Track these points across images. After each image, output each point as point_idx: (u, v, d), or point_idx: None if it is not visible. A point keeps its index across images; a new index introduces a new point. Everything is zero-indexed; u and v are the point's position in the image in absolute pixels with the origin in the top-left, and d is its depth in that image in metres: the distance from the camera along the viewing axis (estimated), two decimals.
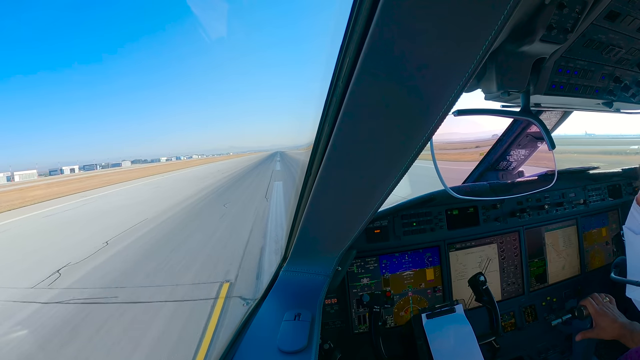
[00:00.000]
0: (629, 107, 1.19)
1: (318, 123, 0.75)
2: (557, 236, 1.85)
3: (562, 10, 0.69)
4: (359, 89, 0.56)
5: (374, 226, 1.53)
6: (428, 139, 0.61)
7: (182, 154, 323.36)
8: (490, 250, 1.71)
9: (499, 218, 1.71)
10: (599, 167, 2.04)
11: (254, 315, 1.07)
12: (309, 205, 0.93)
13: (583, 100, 1.07)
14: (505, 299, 1.71)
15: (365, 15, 0.48)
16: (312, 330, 0.95)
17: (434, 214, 1.61)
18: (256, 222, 9.77)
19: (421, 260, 1.60)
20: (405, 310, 1.58)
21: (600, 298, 1.39)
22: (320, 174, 0.80)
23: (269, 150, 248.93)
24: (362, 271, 1.52)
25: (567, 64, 0.92)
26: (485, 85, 0.84)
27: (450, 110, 0.56)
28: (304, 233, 1.09)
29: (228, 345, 0.99)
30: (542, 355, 1.61)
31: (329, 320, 1.48)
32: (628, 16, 0.83)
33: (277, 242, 7.49)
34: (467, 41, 0.45)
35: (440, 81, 0.52)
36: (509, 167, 1.98)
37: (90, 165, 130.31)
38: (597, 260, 1.96)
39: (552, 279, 1.82)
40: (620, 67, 1.00)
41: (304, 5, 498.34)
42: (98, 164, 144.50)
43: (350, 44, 0.54)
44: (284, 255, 1.31)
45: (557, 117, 1.75)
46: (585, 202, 1.90)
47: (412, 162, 0.68)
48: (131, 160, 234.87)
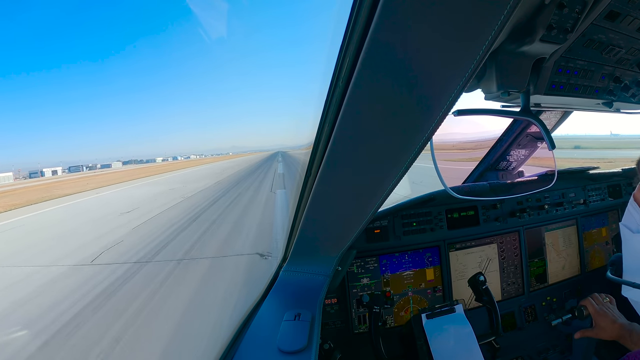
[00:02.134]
0: (629, 107, 1.19)
1: (318, 123, 0.75)
2: (557, 236, 1.85)
3: (562, 10, 0.69)
4: (359, 89, 0.56)
5: (374, 226, 1.53)
6: (428, 139, 0.61)
7: (180, 154, 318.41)
8: (490, 250, 1.71)
9: (499, 218, 1.70)
10: (599, 167, 2.04)
11: (254, 315, 1.07)
12: (309, 205, 0.93)
13: (583, 100, 1.06)
14: (505, 299, 1.71)
15: (365, 15, 0.48)
16: (312, 330, 0.95)
17: (434, 214, 1.61)
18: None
19: (421, 260, 1.60)
20: (405, 310, 1.57)
21: (600, 298, 1.39)
22: (320, 174, 0.80)
23: (270, 150, 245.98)
24: (362, 271, 1.52)
25: (567, 64, 0.92)
26: (485, 85, 0.84)
27: (450, 110, 0.56)
28: (304, 233, 1.09)
29: (228, 345, 0.99)
30: (542, 355, 1.61)
31: (329, 320, 1.48)
32: (628, 16, 0.83)
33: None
34: (467, 41, 0.45)
35: (440, 81, 0.52)
36: (509, 167, 1.98)
37: (76, 167, 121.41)
38: (597, 260, 1.96)
39: (552, 279, 1.82)
40: (620, 67, 1.00)
41: (304, 6, 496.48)
42: (84, 165, 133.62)
43: (350, 44, 0.54)
44: (284, 255, 1.31)
45: (557, 117, 1.75)
46: (585, 202, 1.90)
47: (412, 162, 0.68)
48: (124, 160, 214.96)
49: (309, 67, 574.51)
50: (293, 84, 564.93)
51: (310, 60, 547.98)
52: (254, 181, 21.73)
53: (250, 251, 6.52)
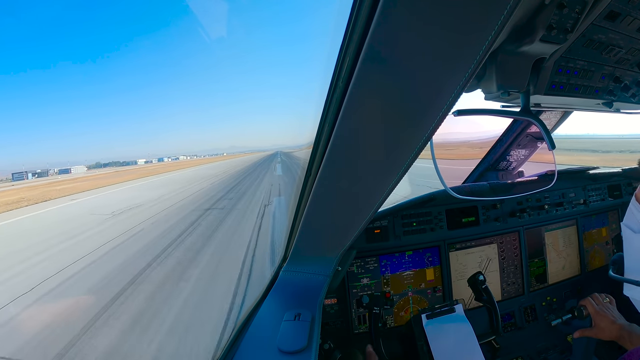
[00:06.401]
0: (629, 107, 1.19)
1: (318, 123, 0.75)
2: (557, 236, 1.85)
3: (562, 10, 0.69)
4: (358, 88, 0.56)
5: (374, 226, 1.53)
6: (428, 139, 0.61)
7: (169, 155, 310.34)
8: (490, 250, 1.71)
9: (499, 218, 1.70)
10: (599, 167, 2.04)
11: (254, 315, 1.07)
12: (309, 205, 0.93)
13: (583, 100, 1.06)
14: (505, 299, 1.71)
15: (365, 15, 0.48)
16: (312, 330, 0.94)
17: (434, 214, 1.61)
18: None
19: (421, 260, 1.60)
20: (405, 310, 1.57)
21: (600, 298, 1.39)
22: (320, 174, 0.80)
23: (270, 150, 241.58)
24: (362, 271, 1.52)
25: (567, 64, 0.92)
26: (485, 85, 0.84)
27: (450, 110, 0.55)
28: (304, 233, 1.09)
29: (228, 345, 0.99)
30: (542, 355, 1.61)
31: (329, 320, 1.48)
32: (628, 16, 0.83)
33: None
34: (467, 41, 0.45)
35: (440, 81, 0.52)
36: (509, 167, 1.98)
37: (19, 174, 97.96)
38: (597, 260, 1.96)
39: (552, 279, 1.82)
40: (620, 67, 1.00)
41: (303, 5, 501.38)
42: (31, 172, 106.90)
43: (350, 43, 0.54)
44: (284, 255, 1.31)
45: (557, 117, 1.75)
46: (585, 202, 1.90)
47: (412, 162, 0.68)
48: (103, 162, 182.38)
49: (309, 66, 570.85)
50: (293, 83, 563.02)
51: (310, 59, 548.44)
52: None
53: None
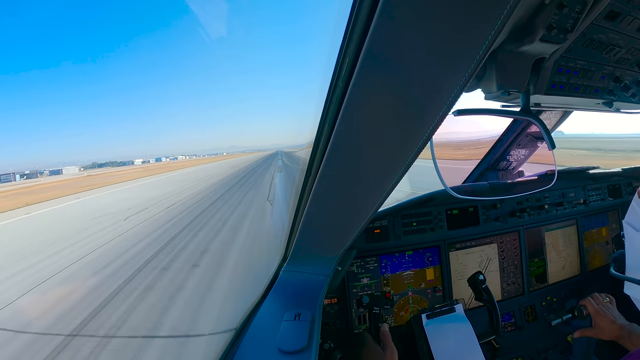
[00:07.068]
0: (629, 107, 1.19)
1: (318, 122, 0.75)
2: (557, 236, 1.85)
3: (562, 10, 0.69)
4: (358, 88, 0.56)
5: (374, 226, 1.53)
6: (428, 139, 0.61)
7: (167, 155, 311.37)
8: (490, 250, 1.71)
9: (499, 218, 1.70)
10: (599, 167, 2.04)
11: (254, 315, 1.07)
12: (309, 205, 0.93)
13: (583, 100, 1.07)
14: (505, 299, 1.71)
15: (365, 14, 0.48)
16: (312, 330, 0.94)
17: (434, 213, 1.61)
18: None
19: (421, 260, 1.60)
20: (406, 310, 1.57)
21: (600, 298, 1.39)
22: (320, 174, 0.80)
23: (270, 149, 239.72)
24: (362, 271, 1.52)
25: (567, 64, 0.92)
26: (485, 85, 0.84)
27: (450, 110, 0.55)
28: (304, 233, 1.09)
29: (228, 345, 0.99)
30: (542, 355, 1.61)
31: (329, 320, 1.48)
32: (628, 16, 0.83)
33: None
34: (467, 41, 0.45)
35: (440, 81, 0.52)
36: (509, 167, 1.98)
37: (6, 175, 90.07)
38: (597, 260, 1.96)
39: (552, 278, 1.82)
40: (620, 67, 1.00)
41: (303, 5, 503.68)
42: (19, 173, 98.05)
43: (350, 43, 0.54)
44: (283, 255, 1.31)
45: (557, 117, 1.75)
46: (585, 202, 1.90)
47: (412, 161, 0.68)
48: (85, 164, 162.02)
49: (309, 66, 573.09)
50: (293, 83, 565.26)
51: (310, 59, 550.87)
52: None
53: None
